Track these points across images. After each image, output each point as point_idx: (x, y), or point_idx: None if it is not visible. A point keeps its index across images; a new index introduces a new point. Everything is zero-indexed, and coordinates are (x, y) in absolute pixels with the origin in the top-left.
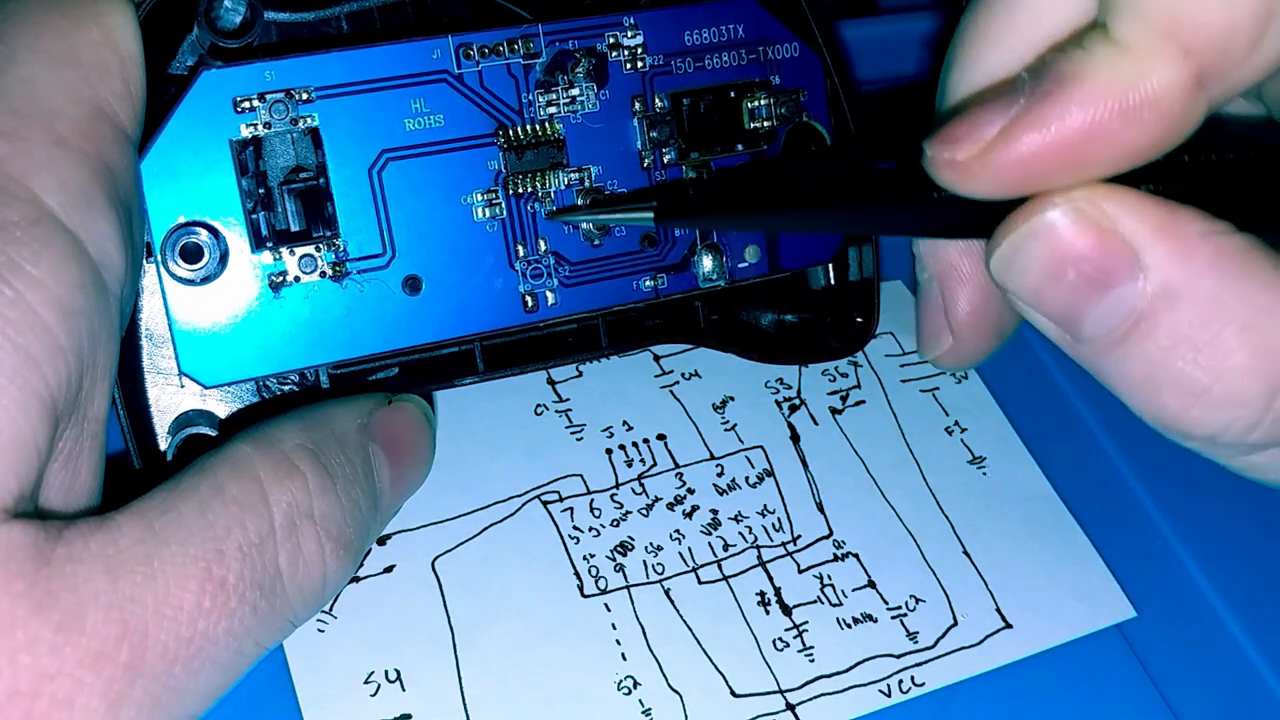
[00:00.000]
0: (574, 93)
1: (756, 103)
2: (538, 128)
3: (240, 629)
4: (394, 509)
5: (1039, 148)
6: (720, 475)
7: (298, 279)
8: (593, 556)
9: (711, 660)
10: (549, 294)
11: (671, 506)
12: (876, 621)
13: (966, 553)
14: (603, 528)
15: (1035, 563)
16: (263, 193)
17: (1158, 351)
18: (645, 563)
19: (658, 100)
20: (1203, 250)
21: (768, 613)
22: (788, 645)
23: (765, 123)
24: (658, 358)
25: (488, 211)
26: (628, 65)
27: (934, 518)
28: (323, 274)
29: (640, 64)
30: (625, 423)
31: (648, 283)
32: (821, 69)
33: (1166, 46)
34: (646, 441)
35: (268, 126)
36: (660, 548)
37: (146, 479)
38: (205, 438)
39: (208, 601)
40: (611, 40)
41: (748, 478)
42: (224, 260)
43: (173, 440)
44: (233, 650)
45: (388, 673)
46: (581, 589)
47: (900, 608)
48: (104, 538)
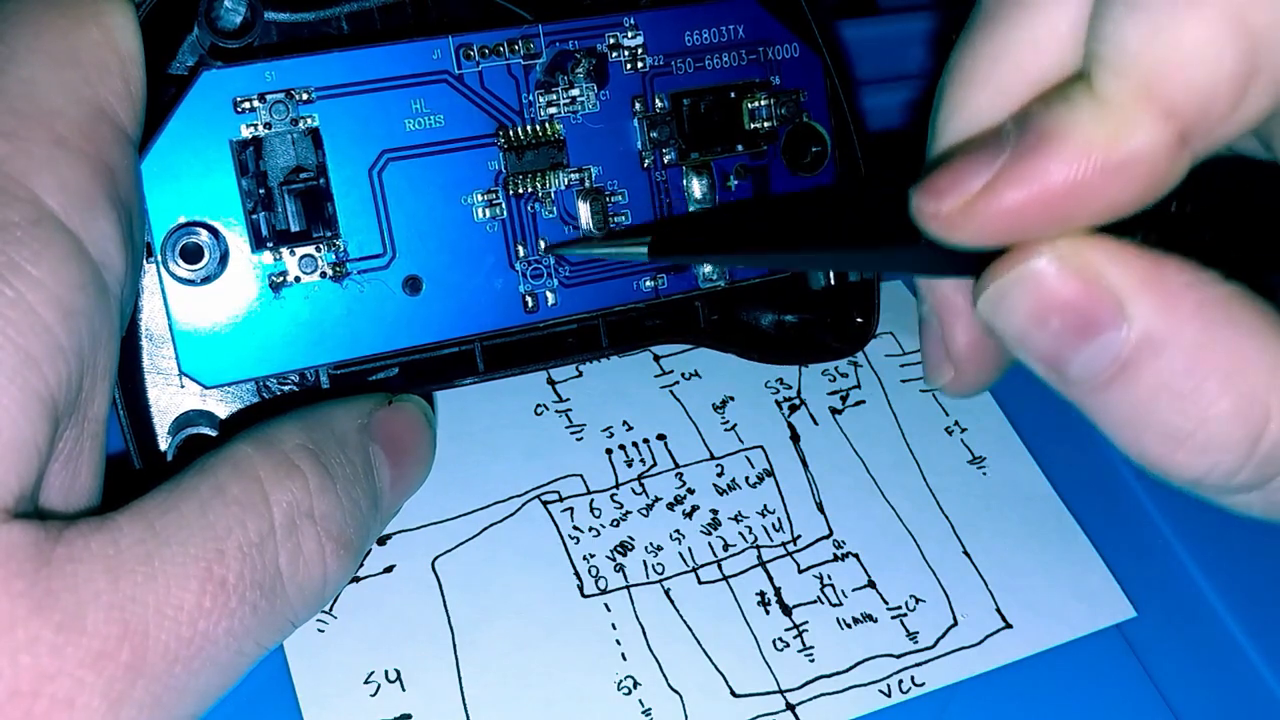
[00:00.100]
0: (574, 93)
1: (757, 103)
2: (538, 128)
3: (241, 629)
4: (394, 509)
5: (1022, 202)
6: (720, 475)
7: (298, 279)
8: (593, 556)
9: (711, 660)
10: (549, 294)
11: (671, 506)
12: (876, 621)
13: (966, 553)
14: (603, 528)
15: (1035, 563)
16: (263, 193)
17: (1142, 397)
18: (645, 563)
19: (658, 100)
20: (1186, 301)
21: (768, 613)
22: (788, 645)
23: (765, 123)
24: (658, 358)
25: (488, 212)
26: (628, 65)
27: (934, 518)
28: (323, 274)
29: (640, 64)
30: (625, 423)
31: (648, 283)
32: (821, 69)
33: (1149, 105)
34: (646, 441)
35: (268, 127)
36: (660, 548)
37: (147, 479)
38: (205, 438)
39: (208, 601)
40: (612, 40)
41: (748, 478)
42: (224, 260)
43: (173, 440)
44: (233, 650)
45: (388, 673)
46: (581, 589)
47: (900, 608)
48: (104, 538)
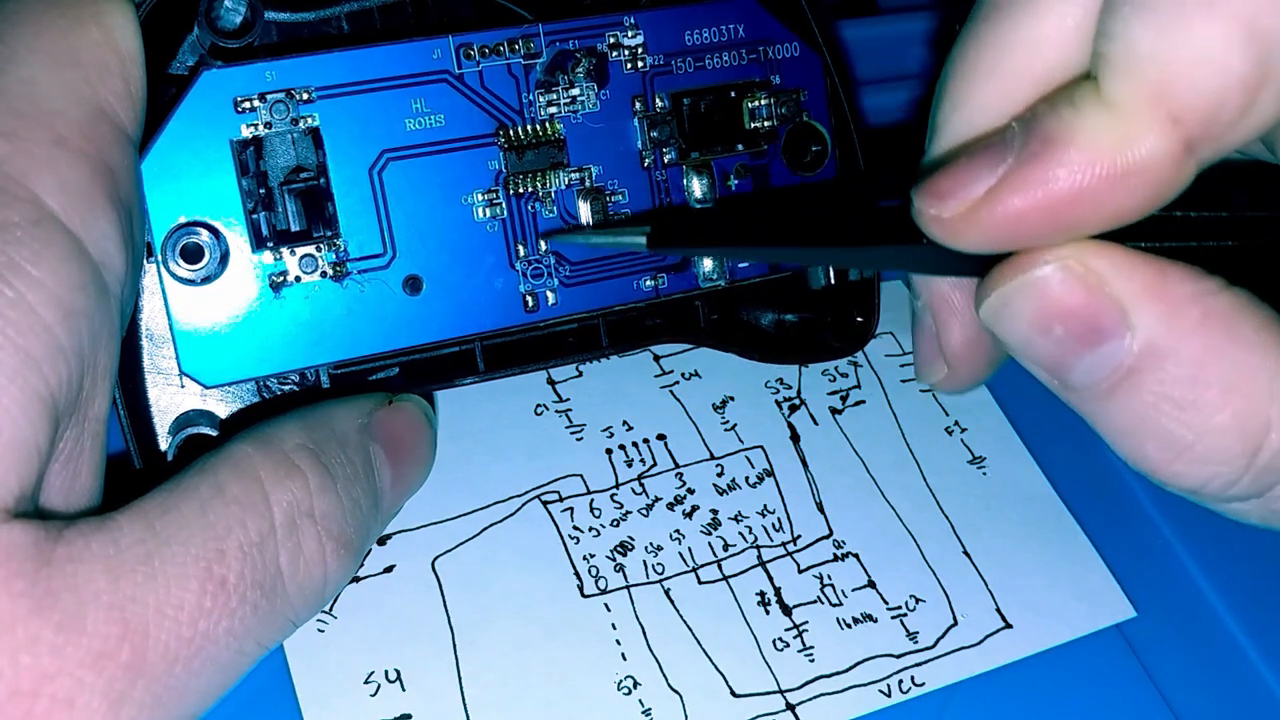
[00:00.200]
0: (574, 93)
1: (757, 102)
2: (538, 128)
3: (241, 629)
4: (395, 509)
5: (1025, 209)
6: (720, 475)
7: (298, 279)
8: (593, 556)
9: (711, 660)
10: (549, 294)
11: (671, 506)
12: (876, 621)
13: (966, 553)
14: (603, 528)
15: (1035, 563)
16: (263, 193)
17: (1143, 406)
18: (645, 563)
19: (658, 100)
20: (1190, 312)
21: (768, 613)
22: (788, 645)
23: (765, 122)
24: (658, 358)
25: (488, 211)
26: (628, 65)
27: (934, 518)
28: (323, 274)
29: (640, 64)
30: (625, 423)
31: (648, 282)
32: (821, 69)
33: (1156, 112)
34: (646, 441)
35: (268, 126)
36: (660, 548)
37: (147, 479)
38: (206, 438)
39: (209, 601)
40: (612, 40)
41: (748, 478)
42: (224, 260)
43: (173, 440)
44: (233, 650)
45: (388, 673)
46: (581, 589)
47: (900, 608)
48: (105, 537)
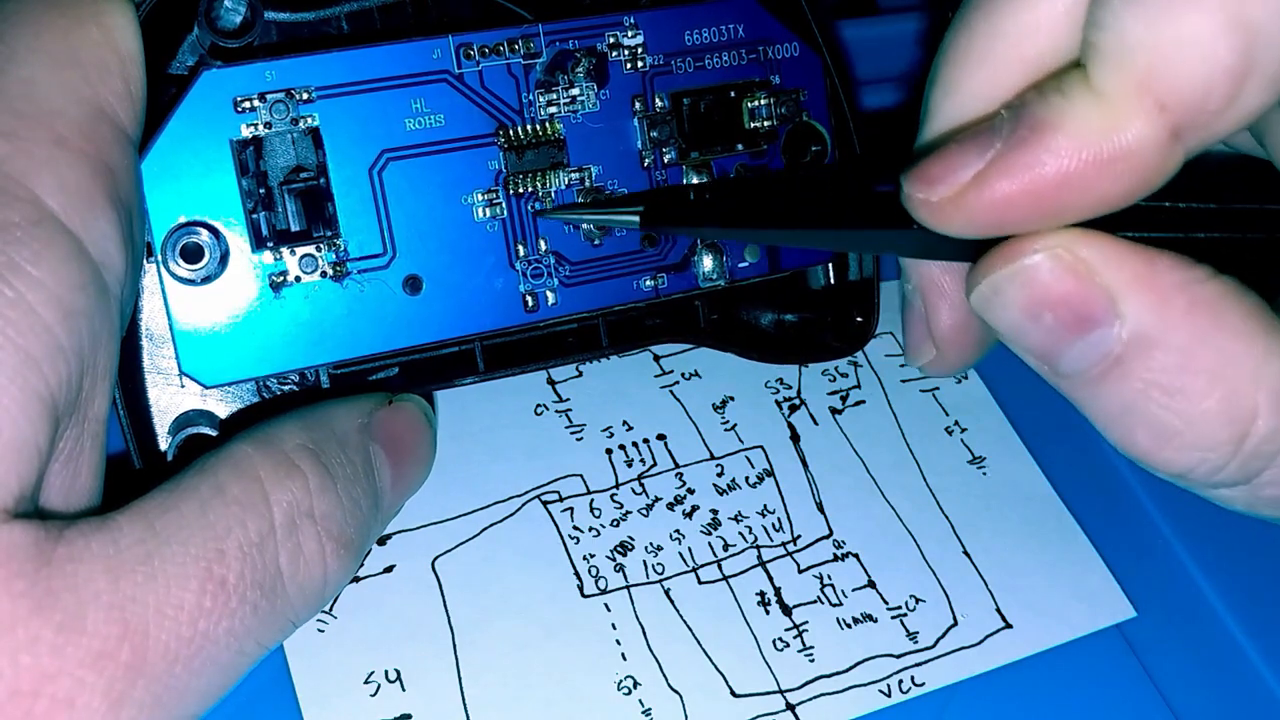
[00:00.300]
0: (574, 92)
1: (757, 102)
2: (538, 127)
3: (241, 629)
4: (395, 509)
5: (1012, 194)
6: (720, 475)
7: (298, 279)
8: (593, 556)
9: (711, 660)
10: (549, 294)
11: (671, 506)
12: (876, 621)
13: (966, 553)
14: (603, 528)
15: (1035, 563)
16: (263, 193)
17: (1131, 393)
18: (645, 563)
19: (658, 100)
20: (1178, 301)
21: (768, 613)
22: (788, 645)
23: (765, 122)
24: (658, 358)
25: (488, 211)
26: (628, 65)
27: (934, 518)
28: (323, 274)
29: (640, 64)
30: (625, 423)
31: (648, 282)
32: (821, 69)
33: (1143, 99)
34: (646, 441)
35: (268, 126)
36: (660, 548)
37: (147, 479)
38: (206, 438)
39: (209, 601)
40: (612, 40)
41: (748, 478)
42: (224, 260)
43: (173, 440)
44: (234, 650)
45: (388, 673)
46: (581, 589)
47: (900, 608)
48: (105, 538)
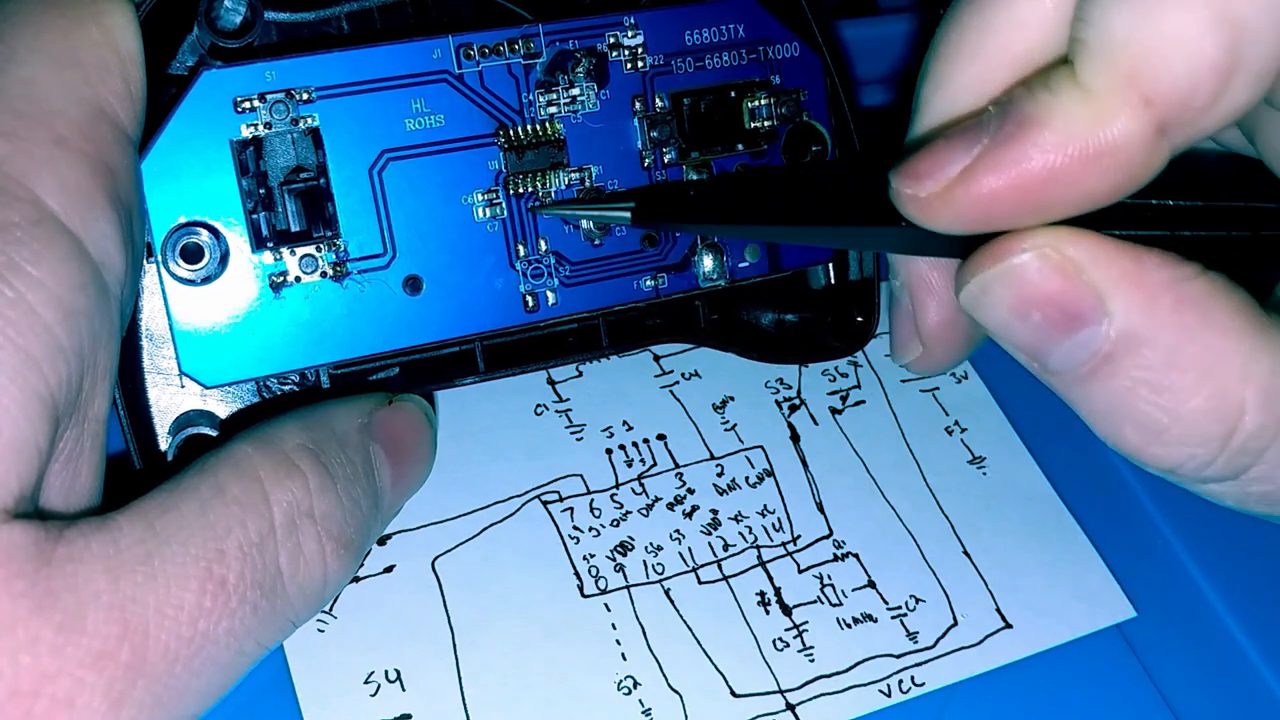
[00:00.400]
0: (574, 92)
1: (757, 102)
2: (538, 128)
3: (241, 629)
4: (395, 509)
5: (999, 189)
6: (720, 475)
7: (298, 279)
8: (593, 556)
9: (711, 660)
10: (549, 294)
11: (671, 506)
12: (876, 621)
13: (966, 553)
14: (603, 528)
15: (1035, 563)
16: (263, 193)
17: (1120, 390)
18: (645, 563)
19: (658, 100)
20: (1165, 299)
21: (768, 613)
22: (788, 645)
23: (765, 122)
24: (658, 358)
25: (488, 211)
26: (628, 65)
27: (934, 518)
28: (323, 274)
29: (640, 64)
30: (625, 423)
31: (648, 282)
32: (821, 69)
33: (1129, 94)
34: (646, 441)
35: (268, 126)
36: (660, 548)
37: (147, 479)
38: (206, 438)
39: (209, 601)
40: (612, 40)
41: (748, 478)
42: (224, 260)
43: (173, 440)
44: (234, 650)
45: (388, 673)
46: (581, 589)
47: (900, 608)
48: (105, 538)
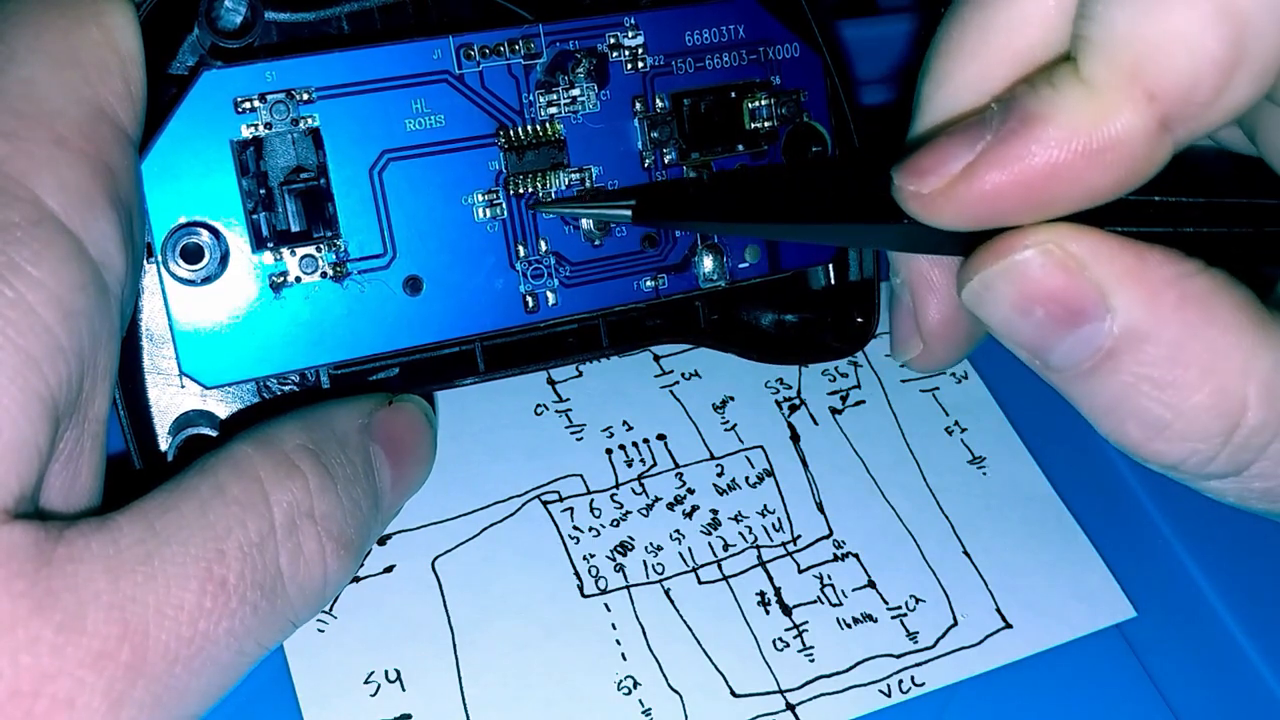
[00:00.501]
0: (575, 93)
1: (757, 103)
2: (538, 128)
3: (241, 629)
4: (395, 509)
5: (1002, 186)
6: (720, 475)
7: (298, 279)
8: (593, 556)
9: (711, 660)
10: (549, 294)
11: (671, 506)
12: (876, 621)
13: (966, 553)
14: (603, 528)
15: (1035, 563)
16: (263, 193)
17: (1122, 386)
18: (645, 563)
19: (658, 100)
20: (1168, 295)
21: (768, 613)
22: (788, 645)
23: (766, 123)
24: (658, 358)
25: (488, 212)
26: (628, 65)
27: (934, 518)
28: (323, 274)
29: (641, 64)
30: (625, 423)
31: (648, 283)
32: (822, 69)
33: (1132, 89)
34: (646, 441)
35: (268, 127)
36: (660, 548)
37: (147, 479)
38: (206, 438)
39: (209, 601)
40: (612, 40)
41: (748, 478)
42: (224, 261)
43: (173, 441)
44: (234, 650)
45: (388, 673)
46: (581, 589)
47: (900, 608)
48: (105, 538)
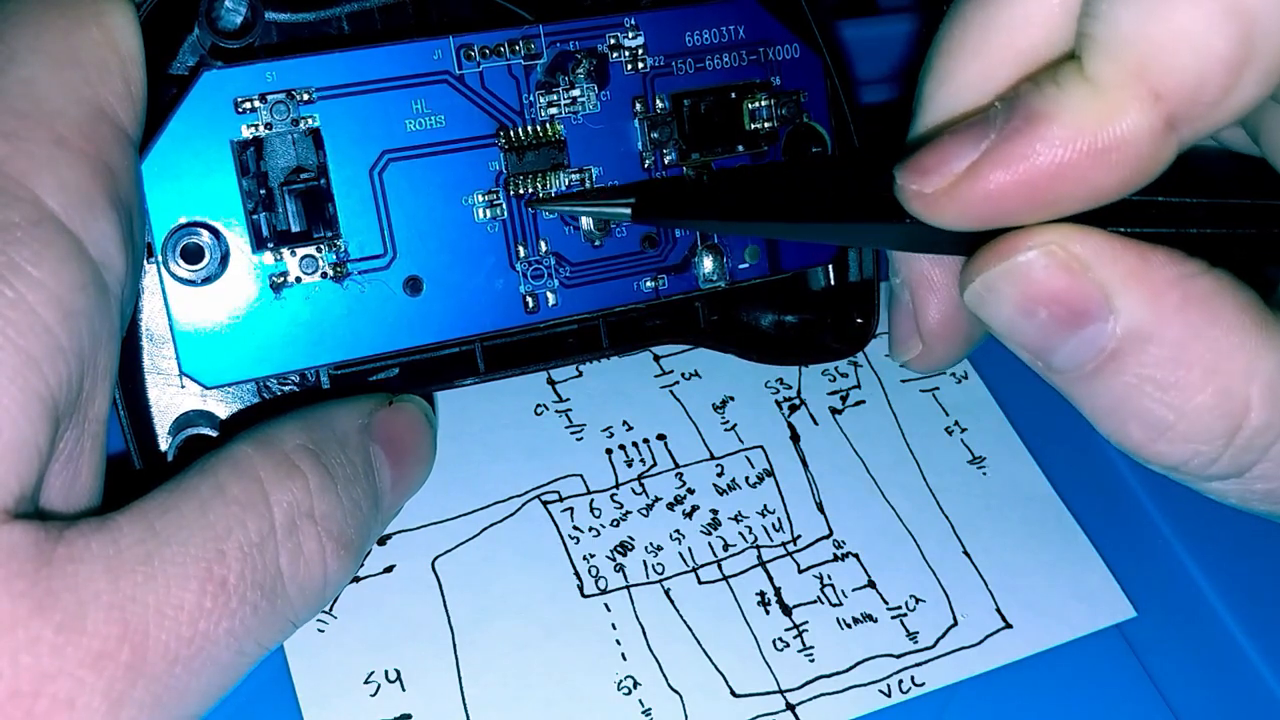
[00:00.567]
0: (575, 93)
1: (757, 104)
2: (539, 128)
3: (241, 629)
4: (395, 509)
5: (1006, 185)
6: (720, 475)
7: (299, 279)
8: (593, 556)
9: (711, 660)
10: (550, 295)
11: (671, 506)
12: (876, 621)
13: (966, 553)
14: (603, 528)
15: (1035, 563)
16: (264, 193)
17: (1125, 387)
18: (645, 563)
19: (658, 101)
20: (1171, 296)
21: (768, 613)
22: (788, 645)
23: (766, 124)
24: (658, 358)
25: (489, 212)
26: (628, 66)
27: (934, 518)
28: (324, 274)
29: (641, 65)
30: (625, 423)
31: (648, 283)
32: (822, 70)
33: (1138, 88)
34: (646, 441)
35: (269, 127)
36: (660, 548)
37: (147, 479)
38: (206, 438)
39: (209, 601)
40: (612, 41)
41: (748, 478)
42: (225, 261)
43: (173, 441)
44: (234, 650)
45: (388, 673)
46: (581, 589)
47: (900, 608)
48: (105, 538)
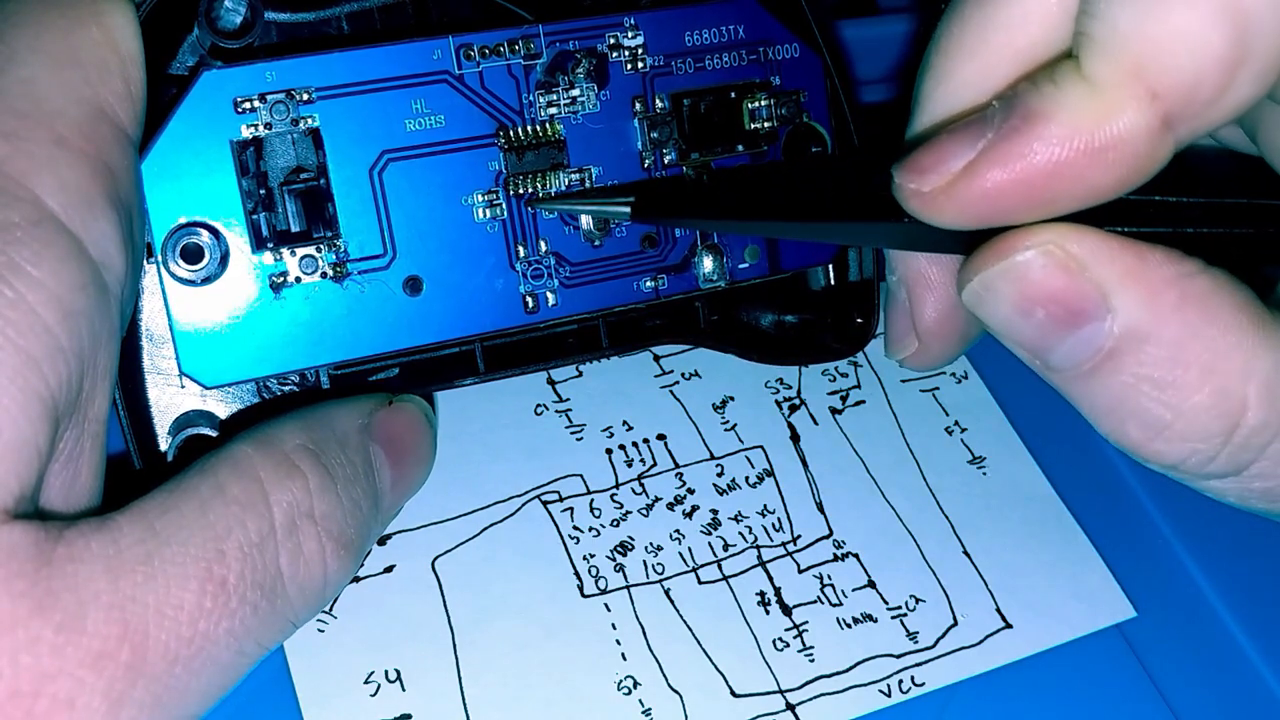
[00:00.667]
0: (574, 93)
1: (757, 103)
2: (538, 128)
3: (241, 629)
4: (395, 509)
5: (1003, 184)
6: (720, 475)
7: (298, 279)
8: (593, 556)
9: (711, 660)
10: (549, 295)
11: (671, 506)
12: (876, 621)
13: (966, 553)
14: (603, 528)
15: (1035, 563)
16: (263, 193)
17: (1123, 387)
18: (645, 563)
19: (658, 101)
20: (1168, 296)
21: (768, 613)
22: (788, 645)
23: (766, 123)
24: (658, 358)
25: (488, 212)
26: (628, 66)
27: (934, 518)
28: (323, 274)
29: (641, 64)
30: (625, 423)
31: (648, 283)
32: (822, 70)
33: (1135, 87)
34: (646, 441)
35: (268, 127)
36: (660, 548)
37: (147, 479)
38: (206, 438)
39: (209, 601)
40: (612, 41)
41: (748, 478)
42: (224, 261)
43: (173, 441)
44: (233, 650)
45: (388, 673)
46: (581, 589)
47: (900, 608)
48: (105, 538)
